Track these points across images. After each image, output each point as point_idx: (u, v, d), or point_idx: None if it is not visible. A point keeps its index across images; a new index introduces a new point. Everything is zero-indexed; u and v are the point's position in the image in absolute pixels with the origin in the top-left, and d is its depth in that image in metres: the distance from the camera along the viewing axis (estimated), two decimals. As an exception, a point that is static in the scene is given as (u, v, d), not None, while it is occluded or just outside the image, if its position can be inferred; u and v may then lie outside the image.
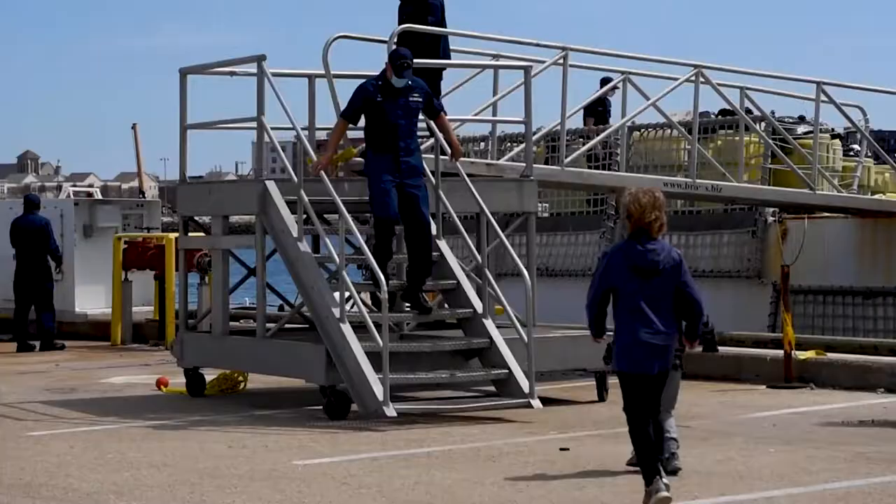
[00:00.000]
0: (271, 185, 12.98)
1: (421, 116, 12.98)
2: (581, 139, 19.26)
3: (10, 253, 19.49)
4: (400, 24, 14.06)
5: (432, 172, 13.36)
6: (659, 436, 8.64)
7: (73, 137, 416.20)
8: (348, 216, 12.46)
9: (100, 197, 26.33)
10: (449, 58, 14.47)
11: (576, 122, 18.82)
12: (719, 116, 19.72)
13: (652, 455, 8.42)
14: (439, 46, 14.18)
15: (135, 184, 39.81)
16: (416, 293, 12.80)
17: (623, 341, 8.50)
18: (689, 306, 8.60)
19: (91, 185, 43.27)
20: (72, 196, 26.21)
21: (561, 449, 10.43)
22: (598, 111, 20.44)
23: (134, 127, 32.62)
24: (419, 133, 15.21)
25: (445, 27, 14.34)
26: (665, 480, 8.34)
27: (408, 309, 13.03)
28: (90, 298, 20.67)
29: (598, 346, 13.02)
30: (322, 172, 12.69)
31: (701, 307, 8.63)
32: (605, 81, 18.24)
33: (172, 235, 18.60)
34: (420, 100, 12.65)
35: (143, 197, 28.82)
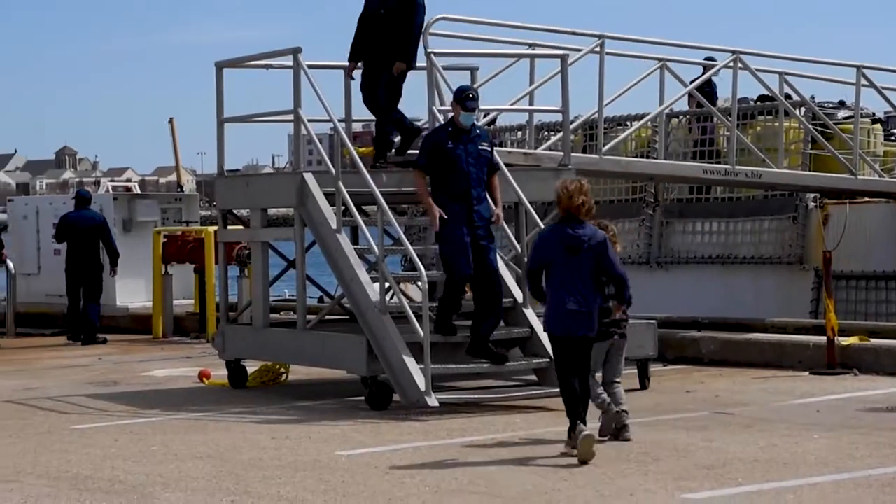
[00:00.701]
0: (309, 178, 13.00)
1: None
2: (619, 126, 19.19)
3: (54, 248, 19.62)
4: (373, 13, 13.52)
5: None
6: (585, 392, 9.99)
7: (110, 133, 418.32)
8: (387, 207, 12.46)
9: (138, 191, 26.45)
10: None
11: (613, 109, 18.77)
12: (758, 102, 19.60)
13: (576, 405, 9.84)
14: (415, 53, 13.75)
15: (172, 178, 39.98)
16: (486, 344, 12.29)
17: (554, 308, 9.94)
18: (614, 280, 10.03)
19: (129, 180, 43.51)
20: (111, 191, 26.35)
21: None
22: (705, 92, 20.23)
23: (171, 121, 32.80)
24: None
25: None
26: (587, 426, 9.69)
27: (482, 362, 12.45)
28: (131, 292, 20.78)
29: (642, 334, 13.23)
30: (359, 162, 12.71)
31: (624, 280, 10.02)
32: (708, 61, 17.96)
33: (211, 228, 18.65)
34: (488, 150, 12.40)
35: (182, 191, 28.95)
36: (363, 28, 13.50)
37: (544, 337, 12.14)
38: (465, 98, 12.23)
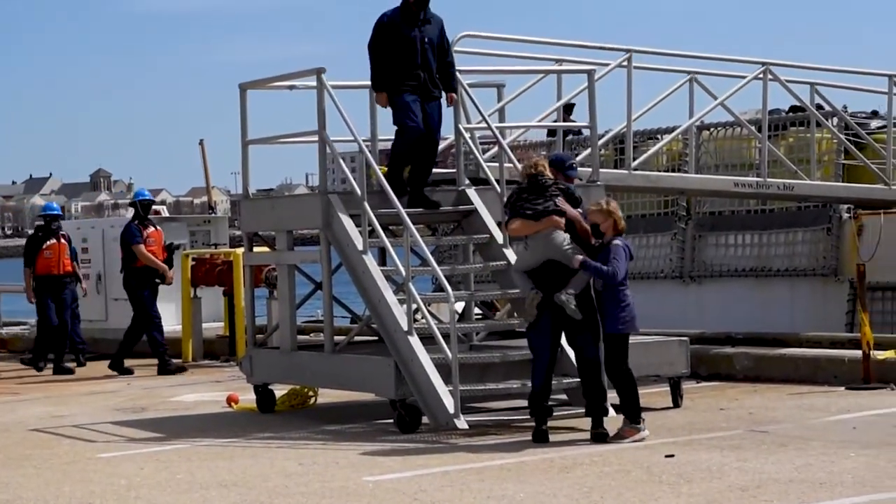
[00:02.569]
0: (334, 199, 12.90)
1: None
2: (650, 140, 19.02)
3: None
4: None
5: (497, 181, 13.22)
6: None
7: (144, 154, 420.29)
8: (413, 228, 12.34)
9: (167, 214, 26.43)
10: None
11: (642, 123, 18.63)
12: (790, 113, 19.41)
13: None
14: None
15: (206, 198, 40.01)
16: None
17: (634, 309, 11.27)
18: None
19: (163, 202, 43.65)
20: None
21: (666, 456, 10.27)
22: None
23: (201, 143, 32.85)
24: (485, 141, 15.12)
25: None
26: None
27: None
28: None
29: (674, 352, 13.11)
30: (385, 182, 12.61)
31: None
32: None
33: (240, 251, 18.56)
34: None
35: (213, 212, 28.93)
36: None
37: (572, 355, 11.97)
38: (568, 167, 12.14)
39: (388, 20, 13.17)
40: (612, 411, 11.51)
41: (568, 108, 20.83)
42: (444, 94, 13.28)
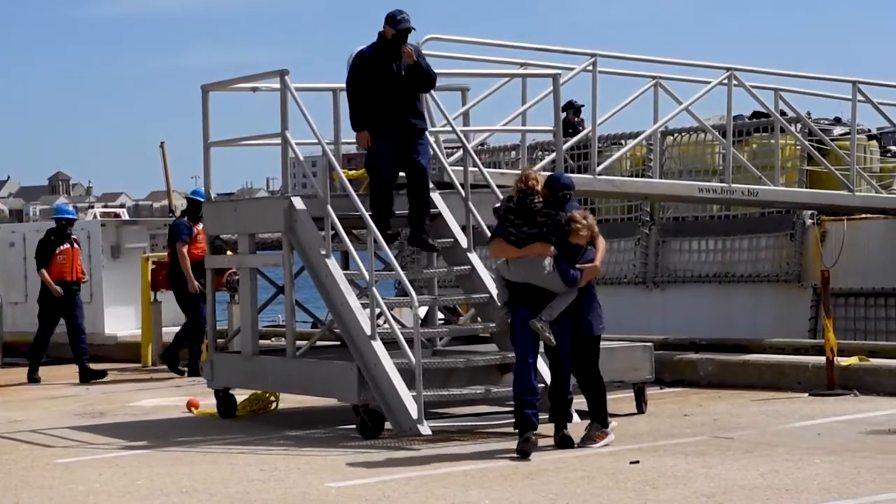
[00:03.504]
0: (297, 202, 12.78)
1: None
2: (614, 145, 18.98)
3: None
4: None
5: (461, 185, 13.13)
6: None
7: (103, 158, 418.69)
8: (377, 231, 12.23)
9: (127, 217, 26.21)
10: None
11: (607, 128, 18.59)
12: (753, 119, 19.42)
13: None
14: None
15: (166, 202, 39.78)
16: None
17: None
18: None
19: (122, 205, 43.36)
20: (98, 217, 26.13)
21: (631, 462, 10.19)
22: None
23: (162, 146, 32.65)
24: (449, 145, 15.02)
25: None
26: None
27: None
28: (119, 320, 20.54)
29: (638, 357, 13.06)
30: (348, 185, 12.49)
31: None
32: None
33: (201, 254, 18.39)
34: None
35: (174, 215, 28.70)
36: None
37: (538, 361, 11.88)
38: (561, 196, 11.20)
39: (364, 56, 12.65)
40: (576, 416, 11.43)
41: (577, 110, 20.72)
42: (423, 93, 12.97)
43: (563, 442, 11.03)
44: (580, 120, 20.58)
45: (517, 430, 10.85)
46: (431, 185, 13.48)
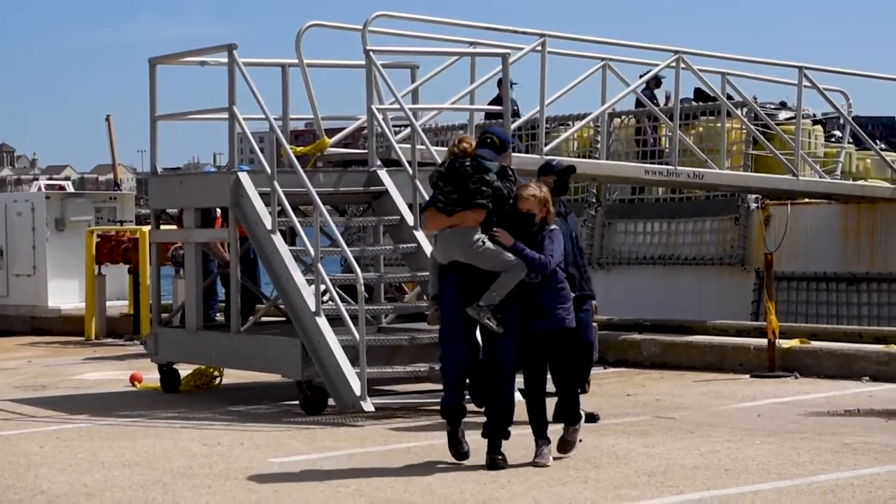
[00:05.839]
0: (244, 177, 12.74)
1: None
2: (561, 126, 19.03)
3: None
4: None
5: (409, 163, 13.13)
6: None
7: (49, 130, 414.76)
8: (323, 207, 12.22)
9: (72, 190, 26.05)
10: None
11: (555, 109, 18.61)
12: (694, 99, 19.51)
13: None
14: None
15: (111, 176, 39.55)
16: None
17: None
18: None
19: (68, 178, 43.01)
20: (43, 189, 25.95)
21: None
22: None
23: (108, 119, 32.43)
24: (398, 122, 15.00)
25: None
26: None
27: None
28: (63, 293, 20.41)
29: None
30: (295, 161, 12.45)
31: None
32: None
33: (146, 228, 18.32)
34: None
35: (119, 189, 28.55)
36: None
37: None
38: (479, 142, 9.71)
39: None
40: (511, 432, 9.57)
41: (658, 82, 20.12)
42: None
43: (492, 464, 9.34)
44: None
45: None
46: (379, 163, 13.48)
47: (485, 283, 9.31)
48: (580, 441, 10.07)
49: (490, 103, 17.56)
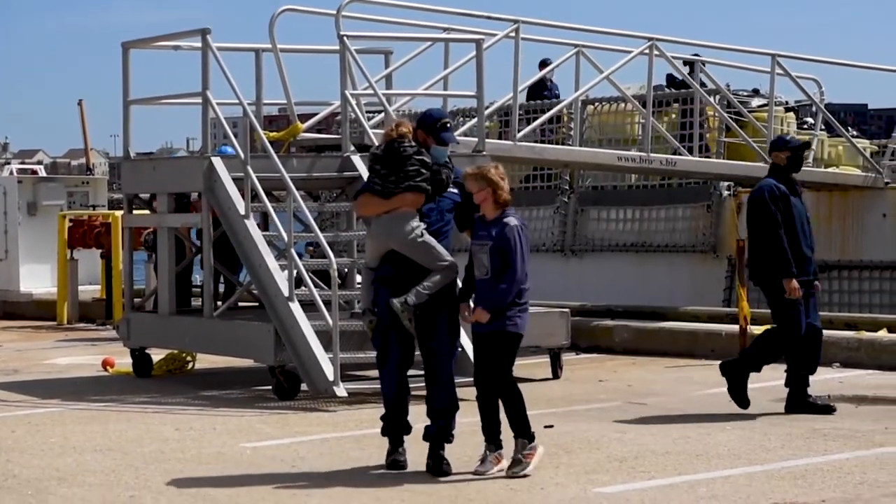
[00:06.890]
0: (217, 162, 12.72)
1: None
2: (535, 113, 19.05)
3: None
4: None
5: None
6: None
7: (21, 114, 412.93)
8: (296, 193, 12.21)
9: (44, 175, 25.97)
10: None
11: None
12: (667, 85, 19.55)
13: None
14: None
15: (84, 160, 39.40)
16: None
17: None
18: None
19: (40, 162, 42.81)
20: (15, 173, 25.86)
21: (545, 427, 10.05)
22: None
23: (80, 103, 32.28)
24: (371, 108, 14.99)
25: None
26: None
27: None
28: (35, 278, 20.36)
29: (555, 323, 13.10)
30: (269, 146, 12.44)
31: None
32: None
33: (119, 213, 18.27)
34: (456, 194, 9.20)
35: (91, 173, 28.44)
36: None
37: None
38: (440, 127, 9.20)
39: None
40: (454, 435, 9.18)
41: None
42: None
43: (435, 469, 8.86)
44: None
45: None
46: (352, 148, 13.47)
47: (417, 278, 8.80)
48: (551, 427, 10.06)
49: (531, 87, 17.59)
